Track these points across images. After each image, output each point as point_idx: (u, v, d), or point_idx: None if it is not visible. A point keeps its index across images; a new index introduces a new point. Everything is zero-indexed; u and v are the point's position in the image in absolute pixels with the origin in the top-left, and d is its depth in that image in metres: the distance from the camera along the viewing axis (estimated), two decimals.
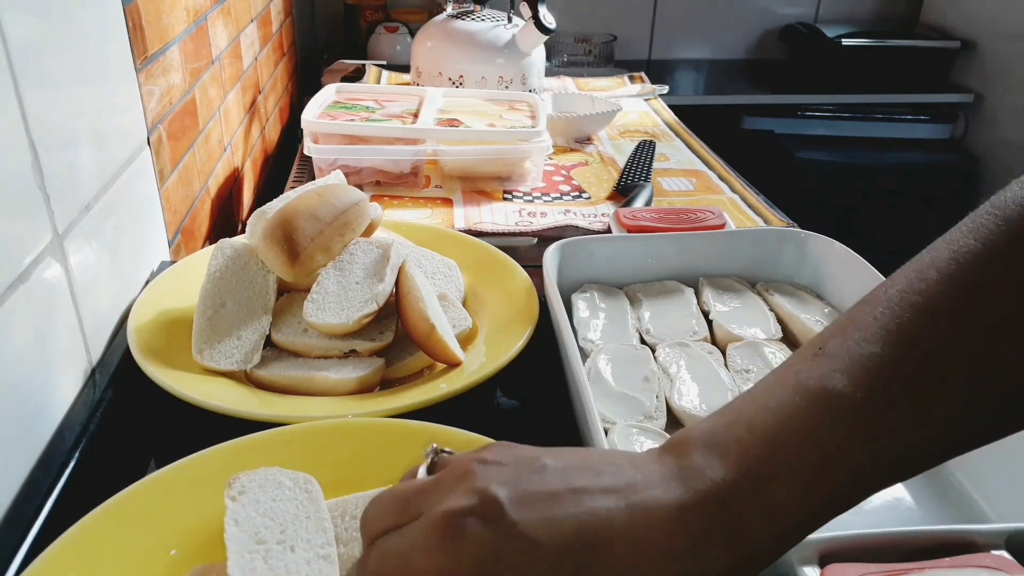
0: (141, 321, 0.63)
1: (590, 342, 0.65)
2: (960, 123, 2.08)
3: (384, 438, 0.52)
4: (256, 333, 0.62)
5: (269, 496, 0.45)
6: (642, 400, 0.58)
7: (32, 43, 0.53)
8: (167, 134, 0.81)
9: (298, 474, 0.47)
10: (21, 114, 0.51)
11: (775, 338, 0.66)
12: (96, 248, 0.62)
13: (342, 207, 0.66)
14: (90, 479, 0.52)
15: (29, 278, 0.51)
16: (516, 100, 1.19)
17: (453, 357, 0.62)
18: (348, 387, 0.59)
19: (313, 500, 0.45)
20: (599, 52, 2.00)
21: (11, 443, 0.49)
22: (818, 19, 2.22)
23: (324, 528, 0.44)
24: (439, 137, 1.05)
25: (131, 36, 0.71)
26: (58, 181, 0.56)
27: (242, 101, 1.19)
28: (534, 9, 1.28)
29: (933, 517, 0.51)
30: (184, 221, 0.87)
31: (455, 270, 0.74)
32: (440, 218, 0.99)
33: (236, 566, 0.41)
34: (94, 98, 0.64)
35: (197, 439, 0.51)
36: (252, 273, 0.65)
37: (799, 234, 0.75)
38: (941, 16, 2.15)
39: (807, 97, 2.02)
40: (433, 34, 1.39)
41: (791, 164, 1.96)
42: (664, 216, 0.78)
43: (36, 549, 0.43)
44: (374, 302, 0.62)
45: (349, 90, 1.19)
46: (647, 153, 1.20)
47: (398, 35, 1.87)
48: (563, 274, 0.71)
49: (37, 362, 0.52)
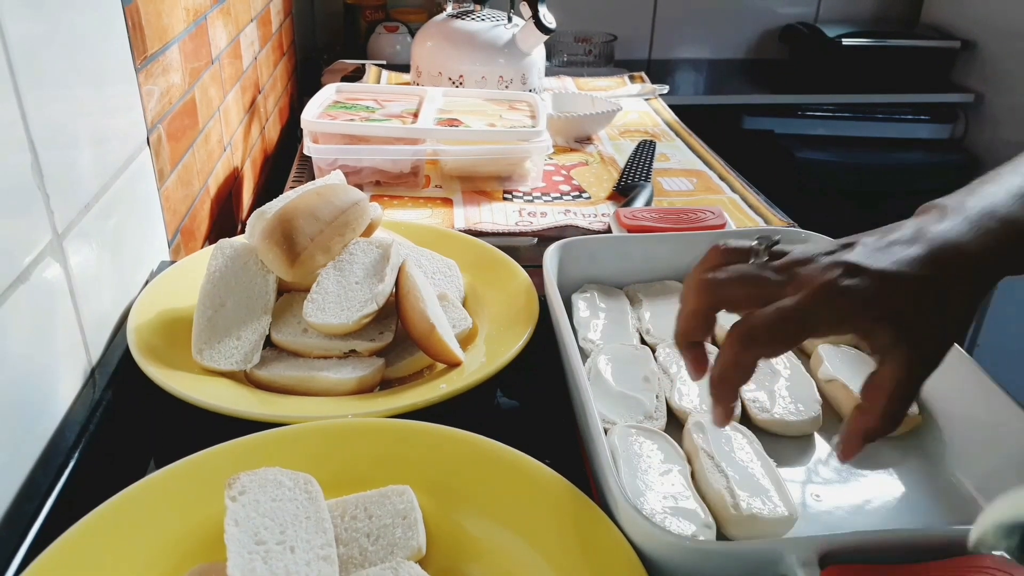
0: (141, 321, 0.63)
1: (590, 342, 0.65)
2: (960, 123, 2.08)
3: (384, 438, 0.52)
4: (256, 333, 0.62)
5: (269, 496, 0.45)
6: (642, 400, 0.58)
7: (32, 43, 0.53)
8: (167, 134, 0.81)
9: (298, 474, 0.47)
10: (21, 114, 0.51)
11: None
12: (96, 248, 0.62)
13: (342, 207, 0.66)
14: (90, 479, 0.52)
15: (29, 278, 0.51)
16: (516, 100, 1.19)
17: (453, 357, 0.62)
18: (348, 387, 0.59)
19: (313, 500, 0.45)
20: (599, 52, 1.99)
21: (11, 443, 0.49)
22: (818, 19, 2.22)
23: (324, 529, 0.44)
24: (439, 137, 1.05)
25: (131, 36, 0.71)
26: (58, 181, 0.56)
27: (242, 101, 1.19)
28: (534, 9, 1.28)
29: (933, 517, 0.51)
30: (184, 221, 0.87)
31: (455, 270, 0.74)
32: (440, 218, 0.99)
33: (236, 567, 0.41)
34: (94, 98, 0.64)
35: (197, 439, 0.51)
36: (252, 273, 0.65)
37: (799, 234, 0.75)
38: (941, 16, 2.15)
39: (807, 97, 2.02)
40: (433, 34, 1.39)
41: (791, 164, 1.96)
42: (664, 216, 0.78)
43: (36, 549, 0.43)
44: (374, 302, 0.62)
45: (349, 90, 1.19)
46: (647, 153, 1.20)
47: (398, 35, 1.87)
48: (563, 274, 0.71)
49: (37, 362, 0.52)
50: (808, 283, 0.41)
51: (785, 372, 0.62)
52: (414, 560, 0.44)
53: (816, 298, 0.40)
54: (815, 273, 0.41)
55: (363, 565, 0.45)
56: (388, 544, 0.45)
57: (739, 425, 0.56)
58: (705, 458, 0.52)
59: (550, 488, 0.48)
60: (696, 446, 0.53)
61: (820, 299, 0.40)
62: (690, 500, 0.49)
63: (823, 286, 0.40)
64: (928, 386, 0.59)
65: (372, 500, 0.47)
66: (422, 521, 0.47)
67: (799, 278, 0.42)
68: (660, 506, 0.48)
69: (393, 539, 0.46)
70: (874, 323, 0.41)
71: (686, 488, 0.50)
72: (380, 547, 0.45)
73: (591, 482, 0.51)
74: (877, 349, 0.42)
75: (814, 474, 0.55)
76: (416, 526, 0.46)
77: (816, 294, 0.40)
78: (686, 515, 0.47)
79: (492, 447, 0.51)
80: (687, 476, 0.51)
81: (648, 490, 0.49)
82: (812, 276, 0.41)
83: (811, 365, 0.64)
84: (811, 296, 0.40)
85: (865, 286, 0.40)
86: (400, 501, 0.47)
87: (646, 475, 0.50)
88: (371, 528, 0.46)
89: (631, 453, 0.52)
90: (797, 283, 0.41)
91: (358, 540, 0.46)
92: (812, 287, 0.40)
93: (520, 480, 0.49)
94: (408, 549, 0.45)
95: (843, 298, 0.40)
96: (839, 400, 0.60)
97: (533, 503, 0.48)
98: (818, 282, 0.41)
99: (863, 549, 0.41)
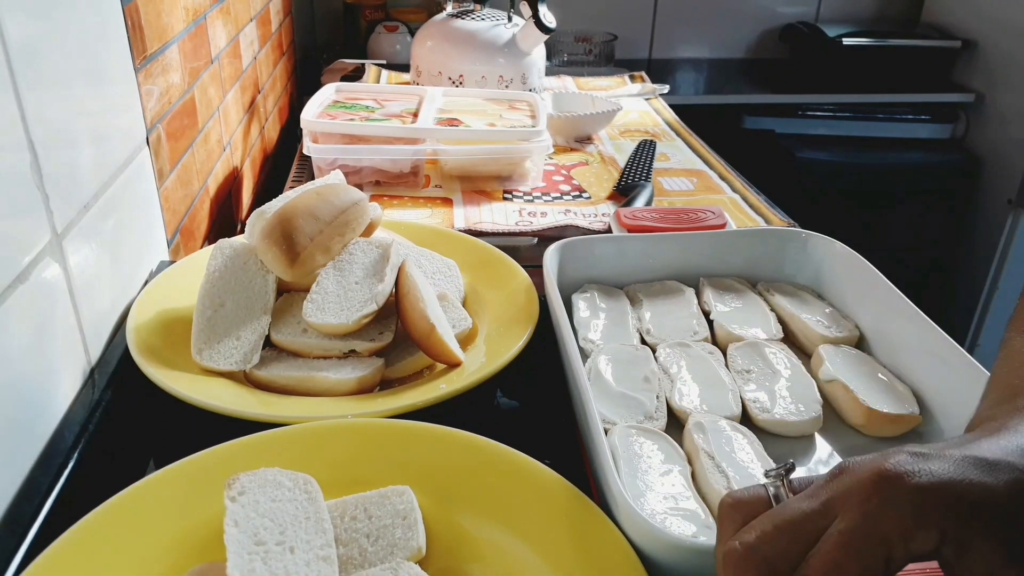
0: (140, 321, 0.63)
1: (590, 342, 0.65)
2: (961, 123, 2.08)
3: (384, 438, 0.52)
4: (255, 333, 0.62)
5: (269, 497, 0.45)
6: (642, 400, 0.58)
7: (31, 43, 0.53)
8: (166, 134, 0.81)
9: (298, 475, 0.47)
10: (20, 114, 0.51)
11: (776, 338, 0.66)
12: (95, 248, 0.62)
13: (341, 207, 0.66)
14: (89, 479, 0.51)
15: (28, 278, 0.51)
16: (516, 99, 1.19)
17: (453, 357, 0.62)
18: (347, 387, 0.59)
19: (313, 501, 0.45)
20: (599, 51, 1.99)
21: (10, 443, 0.49)
22: (819, 18, 2.22)
23: (324, 529, 0.44)
24: (439, 137, 1.04)
25: (130, 35, 0.71)
26: (57, 181, 0.55)
27: (241, 101, 1.19)
28: (534, 8, 1.28)
29: None
30: (183, 221, 0.86)
31: (455, 270, 0.74)
32: (440, 218, 0.99)
33: (235, 568, 0.40)
34: (93, 98, 0.64)
35: (196, 439, 0.51)
36: (251, 273, 0.65)
37: (800, 234, 0.75)
38: (942, 15, 2.15)
39: (808, 97, 2.01)
40: (433, 33, 1.38)
41: (792, 164, 1.96)
42: (665, 216, 0.78)
43: (36, 549, 0.43)
44: (374, 302, 0.62)
45: (349, 89, 1.19)
46: (647, 153, 1.20)
47: (398, 34, 1.86)
48: (563, 274, 0.71)
49: (36, 362, 0.52)
50: (858, 487, 0.31)
51: (786, 372, 0.62)
52: (414, 561, 0.44)
53: (876, 496, 0.30)
54: (864, 471, 0.31)
55: (363, 566, 0.44)
56: (388, 545, 0.45)
57: (739, 425, 0.56)
58: (705, 458, 0.52)
59: (550, 488, 0.48)
60: (696, 446, 0.53)
61: (881, 497, 0.30)
62: (690, 501, 0.49)
63: (880, 478, 0.30)
64: (928, 386, 0.60)
65: (372, 500, 0.47)
66: (422, 521, 0.47)
67: (845, 490, 0.31)
68: (660, 507, 0.48)
69: (393, 540, 0.45)
70: (967, 525, 0.29)
71: (686, 489, 0.50)
72: (380, 548, 0.45)
73: (591, 482, 0.51)
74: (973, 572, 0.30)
75: (815, 474, 0.54)
76: (416, 527, 0.46)
77: (874, 491, 0.30)
78: (686, 516, 0.47)
79: (492, 447, 0.51)
80: (687, 476, 0.51)
81: (648, 491, 0.49)
82: (861, 476, 0.31)
83: (812, 365, 0.64)
84: (869, 496, 0.30)
85: (939, 472, 0.30)
86: (400, 501, 0.47)
87: (646, 476, 0.50)
88: (371, 529, 0.46)
89: (631, 453, 0.52)
90: (844, 497, 0.31)
91: (358, 541, 0.46)
92: (864, 486, 0.30)
93: (520, 480, 0.49)
94: (408, 550, 0.45)
95: (910, 484, 0.30)
96: (839, 400, 0.60)
97: (533, 504, 0.48)
98: (872, 475, 0.31)
99: None
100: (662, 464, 0.52)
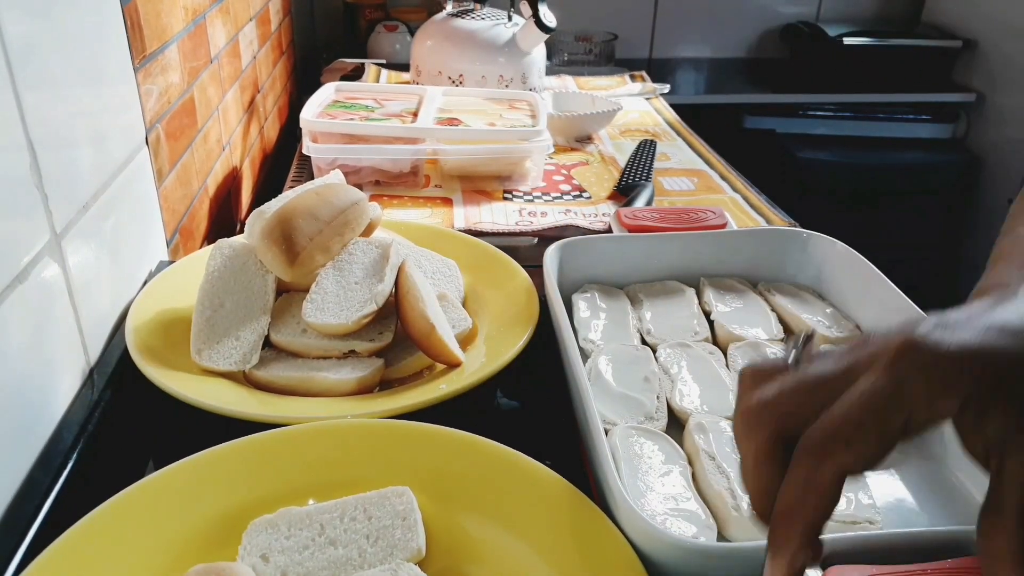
0: (139, 321, 0.63)
1: (590, 342, 0.65)
2: (962, 122, 2.08)
3: (383, 439, 0.52)
4: (255, 333, 0.62)
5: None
6: (643, 401, 0.58)
7: (30, 43, 0.53)
8: (165, 133, 0.81)
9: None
10: (19, 114, 0.51)
11: (777, 338, 0.66)
12: (94, 248, 0.62)
13: (341, 206, 0.66)
14: (89, 479, 0.51)
15: (27, 278, 0.51)
16: (516, 99, 1.19)
17: (453, 357, 0.61)
18: (347, 388, 0.59)
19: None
20: (600, 51, 1.99)
21: (10, 443, 0.49)
22: (819, 18, 2.22)
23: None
24: (439, 136, 1.04)
25: (129, 35, 0.71)
26: (56, 181, 0.55)
27: (241, 100, 1.19)
28: (534, 8, 1.28)
29: (935, 518, 0.51)
30: (182, 221, 0.86)
31: (455, 270, 0.74)
32: (440, 218, 0.99)
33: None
34: (92, 98, 0.64)
35: (195, 440, 0.50)
36: (251, 273, 0.65)
37: (801, 234, 0.75)
38: (943, 15, 2.15)
39: (808, 96, 2.02)
40: (433, 33, 1.38)
41: (793, 163, 1.96)
42: (665, 216, 0.77)
43: (35, 549, 0.43)
44: (373, 302, 0.61)
45: (348, 89, 1.19)
46: (648, 152, 1.20)
47: (398, 34, 1.86)
48: (563, 274, 0.70)
49: (35, 362, 0.52)
50: (884, 352, 0.31)
51: None
52: (414, 562, 0.44)
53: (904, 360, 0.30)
54: (890, 338, 0.31)
55: (362, 567, 0.44)
56: (388, 545, 0.45)
57: None
58: (706, 459, 0.52)
59: (550, 489, 0.48)
60: (697, 447, 0.53)
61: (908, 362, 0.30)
62: (691, 501, 0.49)
63: (907, 344, 0.30)
64: None
65: (371, 501, 0.47)
66: (422, 522, 0.47)
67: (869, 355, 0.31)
68: (661, 507, 0.48)
69: (393, 540, 0.45)
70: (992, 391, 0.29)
71: (687, 489, 0.50)
72: (379, 548, 0.45)
73: (591, 483, 0.51)
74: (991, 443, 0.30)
75: None
76: (416, 527, 0.46)
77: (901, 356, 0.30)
78: (687, 516, 0.47)
79: (492, 447, 0.51)
80: (688, 477, 0.51)
81: (649, 491, 0.49)
82: (888, 342, 0.31)
83: None
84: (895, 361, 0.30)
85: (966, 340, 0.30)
86: (400, 502, 0.47)
87: (647, 476, 0.50)
88: (370, 529, 0.46)
89: (632, 454, 0.52)
90: (868, 360, 0.31)
91: (357, 542, 0.45)
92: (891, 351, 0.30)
93: (520, 481, 0.49)
94: (408, 550, 0.45)
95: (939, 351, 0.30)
96: None
97: (533, 504, 0.48)
98: (899, 341, 0.31)
99: (865, 550, 0.40)
100: (663, 465, 0.51)
